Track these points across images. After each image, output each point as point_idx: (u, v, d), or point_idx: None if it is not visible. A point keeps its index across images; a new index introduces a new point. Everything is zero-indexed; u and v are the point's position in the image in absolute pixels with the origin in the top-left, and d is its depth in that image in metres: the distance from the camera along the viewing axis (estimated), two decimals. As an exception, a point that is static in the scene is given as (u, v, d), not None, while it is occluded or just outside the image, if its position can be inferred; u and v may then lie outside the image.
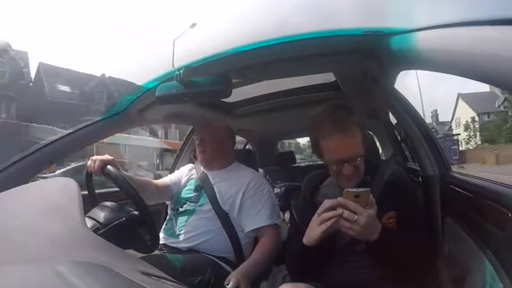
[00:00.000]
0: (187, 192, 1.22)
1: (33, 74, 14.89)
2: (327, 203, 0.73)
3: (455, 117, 22.71)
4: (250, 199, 1.15)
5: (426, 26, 0.60)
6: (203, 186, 1.19)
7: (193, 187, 1.22)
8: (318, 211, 0.74)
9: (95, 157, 0.96)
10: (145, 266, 0.49)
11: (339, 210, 0.70)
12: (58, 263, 0.35)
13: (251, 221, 1.13)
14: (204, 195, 1.17)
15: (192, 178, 1.26)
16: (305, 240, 0.77)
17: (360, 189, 0.71)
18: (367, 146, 0.93)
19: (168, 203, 1.28)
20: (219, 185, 1.18)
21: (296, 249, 0.82)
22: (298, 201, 0.98)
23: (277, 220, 1.16)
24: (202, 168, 1.26)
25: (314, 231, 0.74)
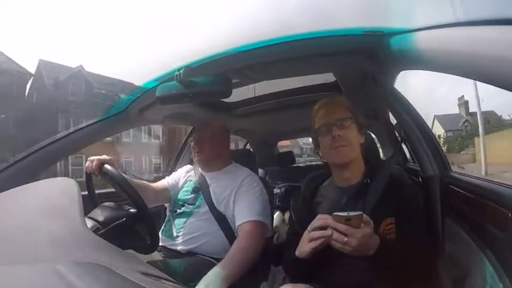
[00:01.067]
0: (184, 194, 1.22)
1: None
2: (317, 221, 0.73)
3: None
4: (241, 195, 1.13)
5: (426, 26, 0.60)
6: (200, 188, 1.19)
7: (190, 189, 1.22)
8: (309, 228, 0.74)
9: (92, 157, 0.96)
10: (145, 266, 0.49)
11: (329, 231, 0.69)
12: (58, 263, 0.35)
13: (238, 216, 1.09)
14: (201, 197, 1.17)
15: (190, 180, 1.26)
16: (297, 252, 0.77)
17: (351, 213, 0.69)
18: (366, 146, 0.94)
19: (166, 204, 1.28)
20: (214, 186, 1.18)
21: (291, 256, 0.81)
22: (298, 202, 0.98)
23: (266, 219, 1.11)
24: (200, 169, 1.25)
25: (305, 247, 0.74)
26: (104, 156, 0.96)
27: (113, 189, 1.02)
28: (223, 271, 0.88)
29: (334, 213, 0.70)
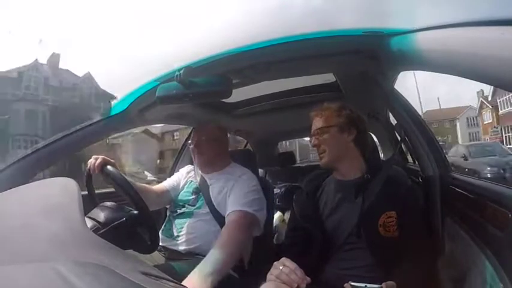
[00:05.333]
0: (185, 195, 1.22)
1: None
2: (280, 265, 0.73)
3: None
4: (234, 190, 1.11)
5: (426, 27, 0.60)
6: (201, 189, 1.19)
7: (191, 190, 1.22)
8: (276, 264, 0.74)
9: (96, 156, 0.96)
10: (145, 266, 0.49)
11: (294, 285, 0.69)
12: (58, 263, 0.34)
13: (227, 207, 1.07)
14: (201, 198, 1.17)
15: (191, 180, 1.26)
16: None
17: (369, 286, 0.69)
18: (363, 140, 0.97)
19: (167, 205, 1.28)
20: (213, 187, 1.18)
21: (289, 253, 0.82)
22: (301, 198, 1.00)
23: (257, 212, 1.07)
24: (200, 170, 1.25)
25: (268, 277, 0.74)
26: (108, 158, 0.96)
27: (113, 189, 1.02)
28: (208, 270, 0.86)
29: (352, 284, 0.70)
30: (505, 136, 16.09)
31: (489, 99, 18.22)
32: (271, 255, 1.11)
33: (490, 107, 18.07)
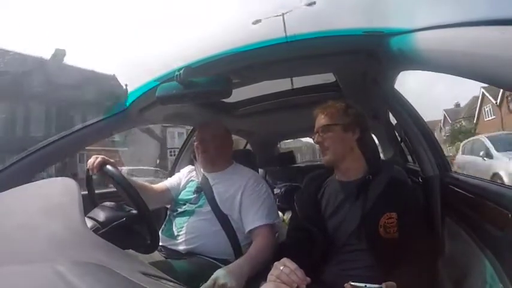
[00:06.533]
0: (187, 194, 1.22)
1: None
2: (280, 266, 0.74)
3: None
4: (249, 198, 1.14)
5: (426, 26, 0.60)
6: (203, 188, 1.19)
7: (193, 189, 1.22)
8: (277, 265, 0.75)
9: (96, 155, 0.96)
10: (145, 266, 0.49)
11: (294, 285, 0.70)
12: (58, 263, 0.35)
13: (250, 220, 1.11)
14: (203, 197, 1.17)
15: (192, 180, 1.26)
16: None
17: (369, 285, 0.70)
18: (366, 141, 0.96)
19: (167, 205, 1.28)
20: (217, 186, 1.18)
21: (291, 253, 0.82)
22: (302, 198, 1.00)
23: (276, 220, 1.15)
24: (202, 169, 1.25)
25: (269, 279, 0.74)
26: (107, 158, 0.96)
27: (113, 189, 1.02)
28: (242, 267, 0.94)
29: (352, 283, 0.71)
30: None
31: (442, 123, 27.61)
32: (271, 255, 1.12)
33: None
